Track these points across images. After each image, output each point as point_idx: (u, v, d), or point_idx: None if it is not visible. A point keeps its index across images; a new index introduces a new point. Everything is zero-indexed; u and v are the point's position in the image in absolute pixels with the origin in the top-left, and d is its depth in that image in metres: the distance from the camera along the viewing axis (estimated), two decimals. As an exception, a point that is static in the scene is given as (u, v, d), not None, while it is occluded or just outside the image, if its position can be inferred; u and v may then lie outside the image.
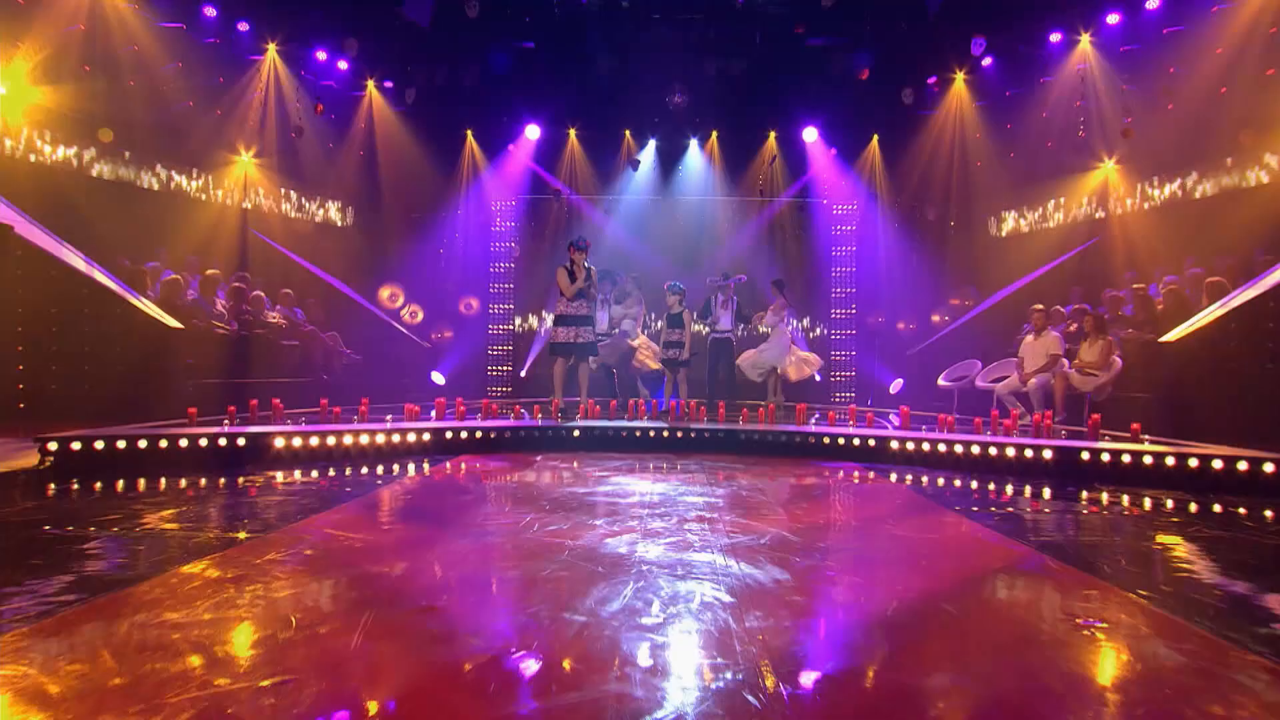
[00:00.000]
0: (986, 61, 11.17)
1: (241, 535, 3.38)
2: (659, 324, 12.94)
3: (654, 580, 2.79)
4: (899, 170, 12.51)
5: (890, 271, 12.63)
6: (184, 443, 5.24)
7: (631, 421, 6.89)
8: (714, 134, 13.04)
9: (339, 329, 10.77)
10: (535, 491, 4.61)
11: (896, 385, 11.53)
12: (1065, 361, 8.13)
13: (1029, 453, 5.41)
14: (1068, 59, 10.14)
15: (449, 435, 6.29)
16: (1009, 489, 5.02)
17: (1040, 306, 9.22)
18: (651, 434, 6.62)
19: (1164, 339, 7.16)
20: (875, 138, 12.64)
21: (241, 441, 5.49)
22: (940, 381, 9.92)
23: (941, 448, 5.78)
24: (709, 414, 7.51)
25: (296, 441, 5.67)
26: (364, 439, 5.96)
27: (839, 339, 13.05)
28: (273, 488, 4.65)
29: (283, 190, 11.54)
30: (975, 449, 5.64)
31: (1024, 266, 11.07)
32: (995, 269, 11.63)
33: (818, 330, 13.27)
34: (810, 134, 12.71)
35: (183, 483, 4.75)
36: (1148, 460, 5.03)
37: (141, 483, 4.71)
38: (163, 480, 4.77)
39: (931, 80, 11.85)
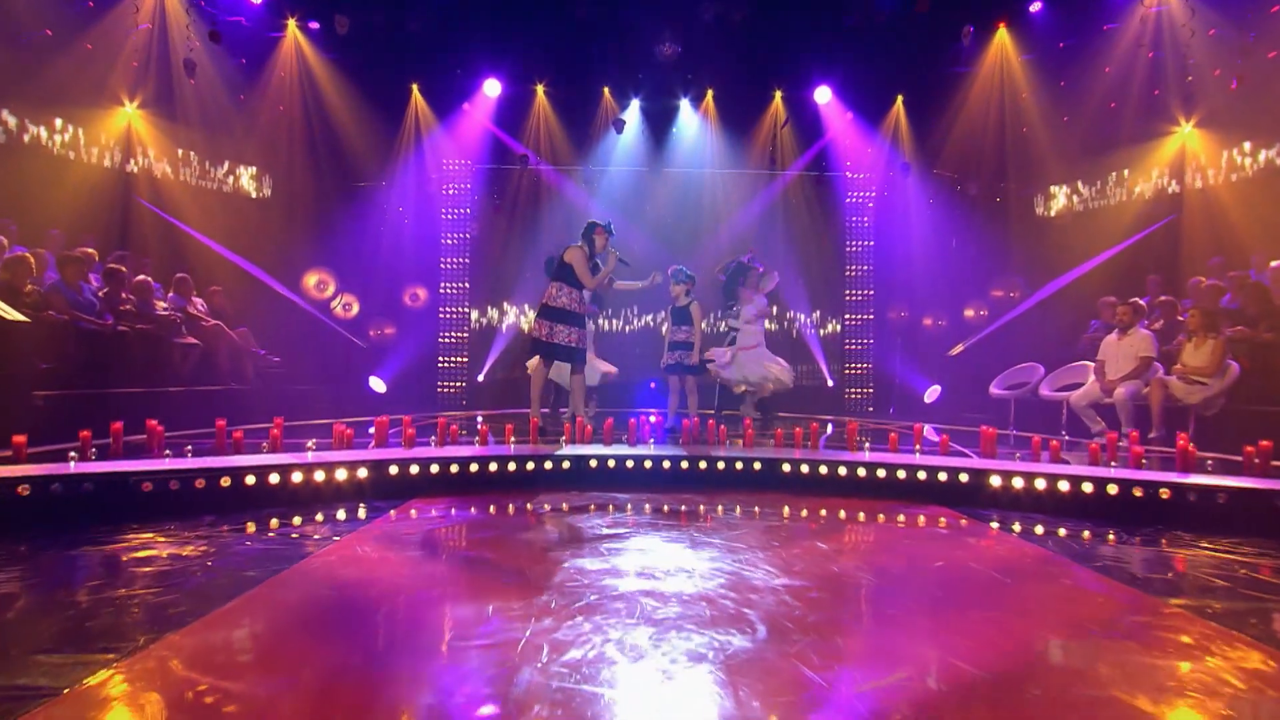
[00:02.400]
0: (1036, 6, 10.18)
1: (64, 690, 2.05)
2: (654, 319, 11.87)
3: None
4: (929, 138, 11.48)
5: (917, 258, 11.59)
6: (-5, 493, 3.85)
7: (635, 448, 5.65)
8: (709, 92, 11.87)
9: (252, 324, 9.36)
10: (525, 571, 3.34)
11: (932, 393, 10.48)
12: (1159, 366, 7.15)
13: (1191, 496, 4.32)
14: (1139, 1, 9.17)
15: (394, 470, 4.97)
16: (1177, 546, 3.91)
17: (1113, 299, 8.33)
18: (666, 464, 5.38)
19: (1298, 338, 6.19)
20: (900, 99, 11.59)
21: (88, 486, 4.11)
22: (993, 390, 8.88)
23: (1063, 486, 4.66)
24: (729, 433, 6.32)
25: (173, 485, 4.31)
26: (274, 478, 4.61)
27: (853, 327, 12.00)
28: (122, 567, 3.29)
29: (180, 151, 10.02)
30: (1112, 489, 4.52)
31: (1080, 252, 10.14)
32: (1044, 255, 10.67)
33: (830, 325, 12.21)
34: (823, 94, 11.63)
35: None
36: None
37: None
38: (-48, 556, 3.39)
39: (968, 30, 10.81)
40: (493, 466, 5.20)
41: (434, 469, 5.05)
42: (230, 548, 3.66)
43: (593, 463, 5.37)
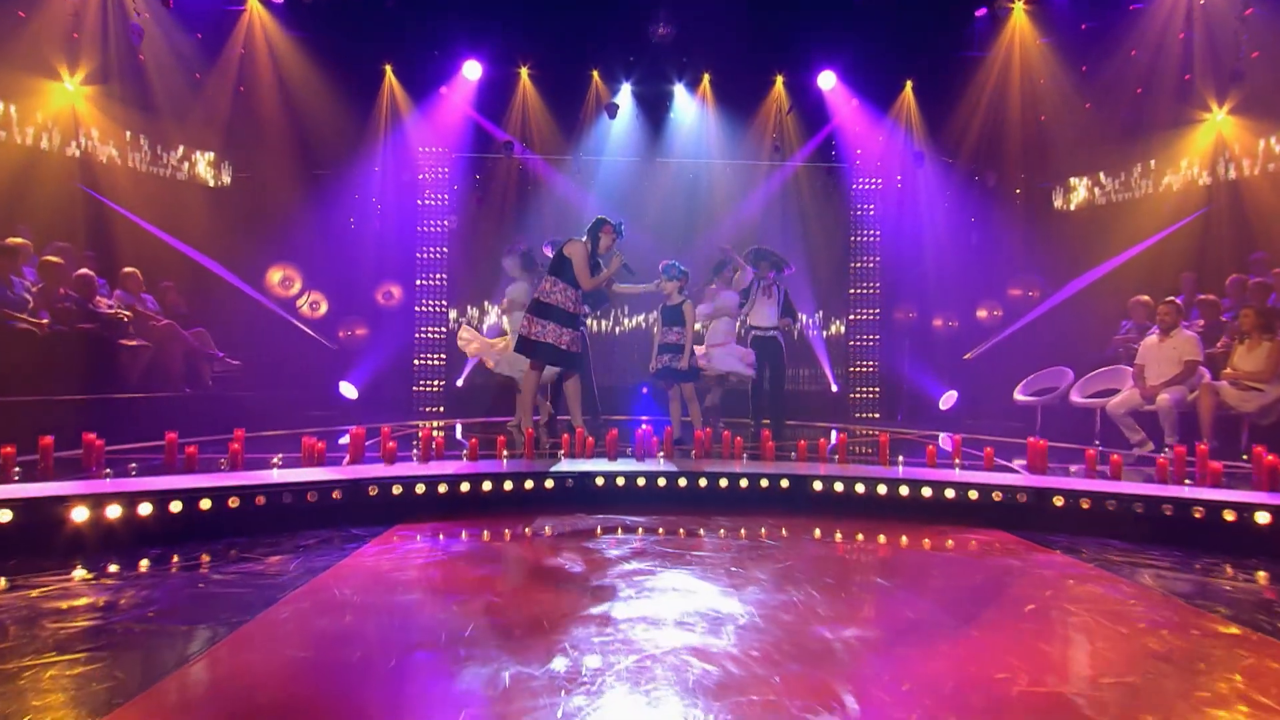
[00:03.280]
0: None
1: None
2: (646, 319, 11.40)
3: None
4: (940, 126, 11.12)
5: (928, 253, 11.22)
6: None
7: (643, 463, 5.17)
8: (706, 77, 11.44)
9: (209, 324, 8.79)
10: (540, 623, 2.84)
11: (948, 399, 10.11)
12: (1206, 371, 6.79)
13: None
14: (1171, -23, 8.87)
15: (373, 491, 4.44)
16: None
17: (1146, 298, 8.01)
18: (682, 482, 4.90)
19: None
20: (909, 84, 11.23)
21: (6, 515, 3.55)
22: (1018, 396, 8.51)
23: (1137, 508, 4.25)
24: (746, 444, 5.86)
25: (112, 511, 3.75)
26: (233, 502, 4.07)
27: (859, 324, 11.62)
28: (38, 623, 2.74)
29: (129, 134, 9.41)
30: (1198, 511, 4.11)
31: (1103, 248, 9.81)
32: (1064, 251, 10.34)
33: (835, 326, 11.81)
34: (828, 79, 11.23)
35: None
36: None
37: None
38: None
39: (981, 12, 10.48)
40: (486, 486, 4.68)
41: (419, 489, 4.53)
42: (179, 592, 3.13)
43: (599, 480, 4.88)
